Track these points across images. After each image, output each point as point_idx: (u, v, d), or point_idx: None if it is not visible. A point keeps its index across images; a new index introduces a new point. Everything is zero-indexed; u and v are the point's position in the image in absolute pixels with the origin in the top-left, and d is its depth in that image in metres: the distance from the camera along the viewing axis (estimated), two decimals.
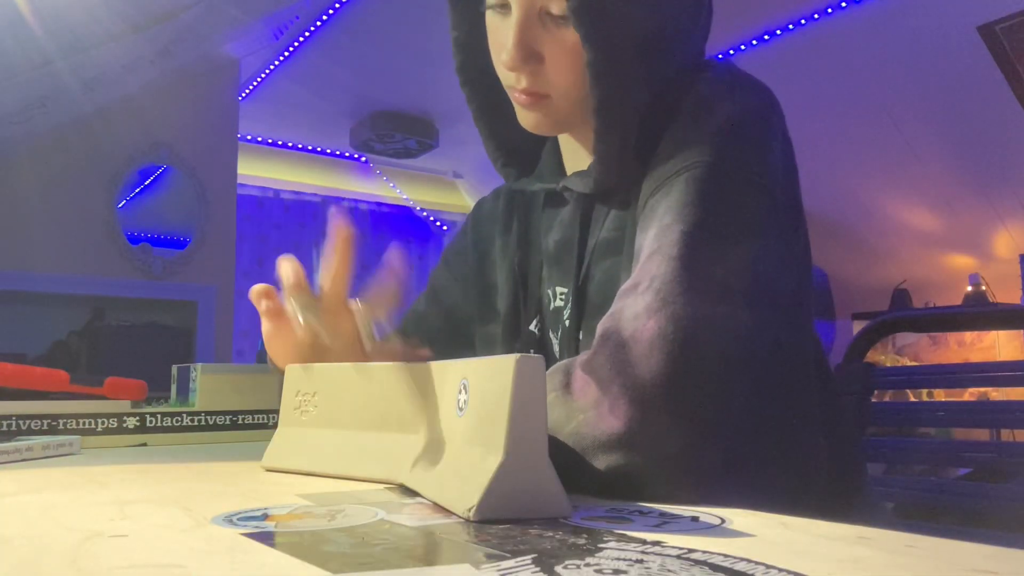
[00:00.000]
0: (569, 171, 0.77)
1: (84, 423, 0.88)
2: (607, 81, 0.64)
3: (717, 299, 0.54)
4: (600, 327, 0.56)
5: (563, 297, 0.75)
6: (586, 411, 0.52)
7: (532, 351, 0.77)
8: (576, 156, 0.77)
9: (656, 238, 0.58)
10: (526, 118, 0.71)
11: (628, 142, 0.67)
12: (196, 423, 0.96)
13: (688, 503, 0.44)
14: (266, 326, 0.66)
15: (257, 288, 0.64)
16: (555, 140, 0.80)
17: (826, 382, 0.70)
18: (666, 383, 0.50)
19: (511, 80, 0.69)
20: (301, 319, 0.61)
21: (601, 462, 0.50)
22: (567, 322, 0.73)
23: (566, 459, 0.50)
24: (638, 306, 0.54)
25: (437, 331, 0.87)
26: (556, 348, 0.76)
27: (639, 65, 0.66)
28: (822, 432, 0.61)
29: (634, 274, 0.58)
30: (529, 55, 0.66)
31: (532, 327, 0.78)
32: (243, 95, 4.27)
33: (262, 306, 0.64)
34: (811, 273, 0.67)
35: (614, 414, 0.50)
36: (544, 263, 0.79)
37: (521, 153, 0.80)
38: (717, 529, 0.37)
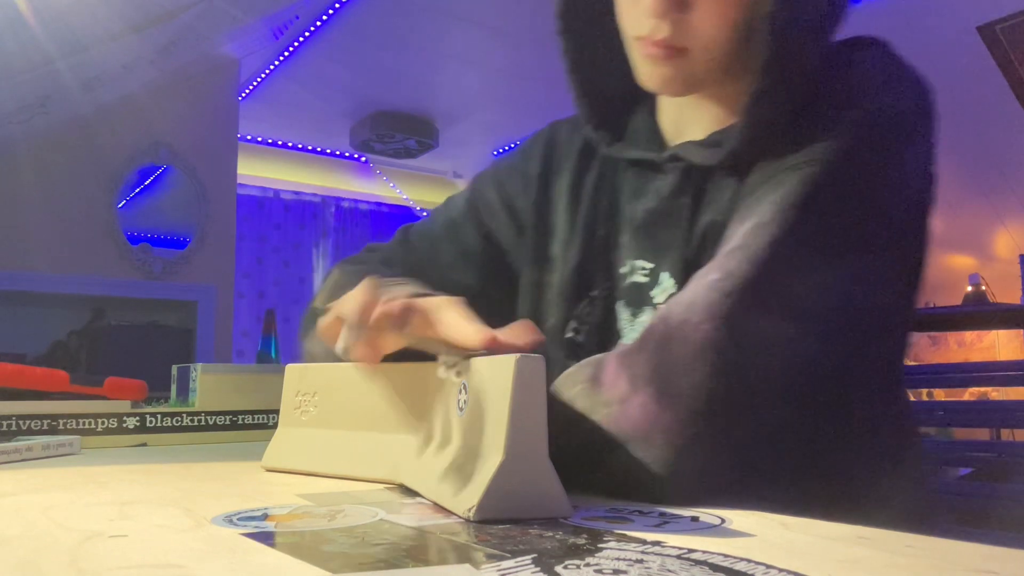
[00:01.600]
0: (671, 138, 0.70)
1: (84, 423, 0.88)
2: (786, 36, 0.57)
3: (787, 319, 0.49)
4: (653, 318, 0.52)
5: (646, 273, 0.67)
6: (610, 405, 0.48)
7: (592, 320, 0.69)
8: (685, 122, 0.69)
9: (748, 234, 0.52)
10: (653, 74, 0.63)
11: (786, 108, 0.58)
12: (196, 423, 0.96)
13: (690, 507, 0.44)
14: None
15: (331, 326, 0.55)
16: (651, 104, 0.72)
17: (898, 405, 0.65)
18: (704, 399, 0.46)
19: (645, 29, 0.60)
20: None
21: (617, 457, 0.47)
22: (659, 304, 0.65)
23: (578, 453, 0.48)
24: (699, 297, 0.49)
25: (471, 251, 0.78)
26: (625, 324, 0.68)
27: (817, 21, 0.59)
28: (876, 460, 0.57)
29: (712, 262, 0.52)
30: (678, 1, 0.59)
31: (596, 293, 0.70)
32: (243, 95, 4.27)
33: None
34: (916, 298, 0.60)
35: (641, 413, 0.47)
36: (623, 230, 0.70)
37: (612, 115, 0.72)
38: (717, 529, 0.37)
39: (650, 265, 0.67)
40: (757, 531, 0.36)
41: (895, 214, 0.56)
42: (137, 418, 0.92)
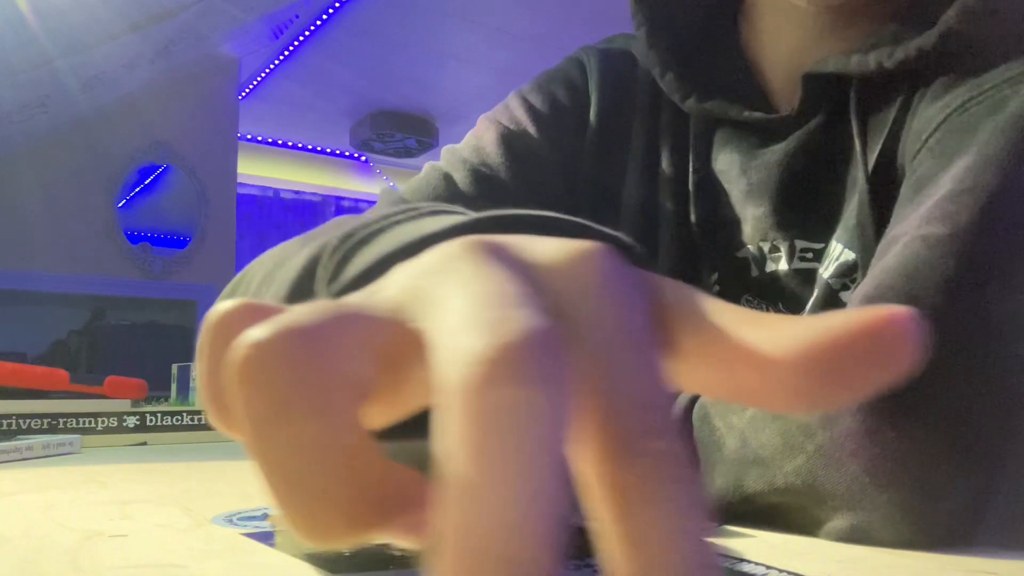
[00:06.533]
0: (781, 85, 0.53)
1: (84, 422, 0.88)
2: None
3: None
4: (855, 298, 0.37)
5: (813, 256, 0.51)
6: (812, 433, 0.34)
7: None
8: (809, 57, 0.51)
9: (974, 170, 0.37)
10: None
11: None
12: (196, 422, 0.96)
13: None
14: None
15: None
16: (734, 42, 0.56)
17: None
18: (955, 414, 0.33)
19: None
20: None
21: (844, 513, 0.34)
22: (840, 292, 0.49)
23: (788, 505, 0.35)
24: (921, 262, 0.35)
25: (514, 200, 0.55)
26: None
27: None
28: None
29: (922, 209, 0.37)
30: None
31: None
32: (243, 95, 4.27)
33: None
34: None
35: (873, 444, 0.33)
36: (740, 202, 0.53)
37: (692, 56, 0.55)
38: (717, 529, 0.37)
39: (817, 245, 0.51)
40: (757, 531, 0.36)
41: None
42: (137, 417, 0.92)
